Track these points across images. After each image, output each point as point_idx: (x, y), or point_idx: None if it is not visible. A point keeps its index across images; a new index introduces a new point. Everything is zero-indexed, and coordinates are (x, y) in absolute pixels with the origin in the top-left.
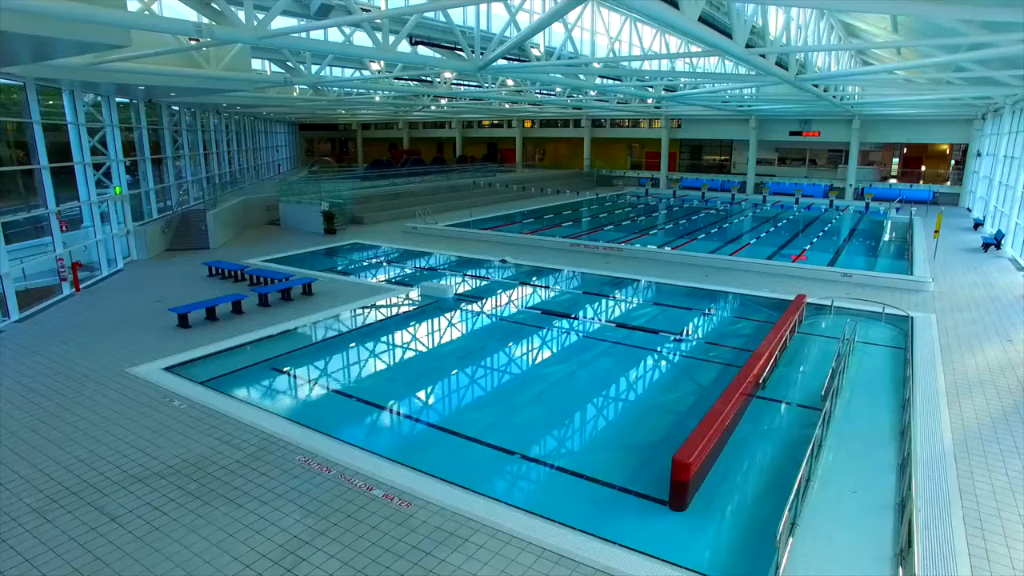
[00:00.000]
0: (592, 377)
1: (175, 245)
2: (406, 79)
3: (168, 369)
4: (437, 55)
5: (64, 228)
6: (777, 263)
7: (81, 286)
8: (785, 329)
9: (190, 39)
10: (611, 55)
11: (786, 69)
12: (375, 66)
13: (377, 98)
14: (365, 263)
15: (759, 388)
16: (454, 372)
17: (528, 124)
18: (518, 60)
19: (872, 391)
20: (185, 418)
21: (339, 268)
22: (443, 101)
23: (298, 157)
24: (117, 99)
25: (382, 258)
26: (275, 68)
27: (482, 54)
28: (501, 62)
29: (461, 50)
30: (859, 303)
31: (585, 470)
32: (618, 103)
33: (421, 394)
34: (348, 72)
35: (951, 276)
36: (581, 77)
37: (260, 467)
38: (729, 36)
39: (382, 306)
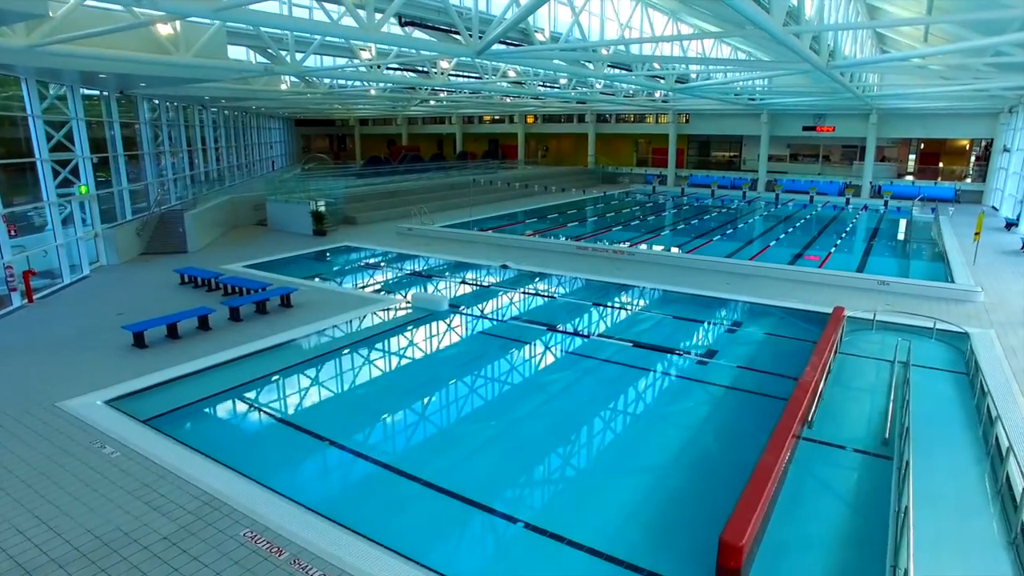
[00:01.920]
0: (612, 417)
1: (151, 248)
2: (400, 68)
3: (110, 402)
4: (432, 39)
5: (13, 232)
6: (804, 269)
7: (36, 296)
8: (828, 350)
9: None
10: (620, 37)
11: (816, 54)
12: (366, 54)
13: (372, 91)
14: (354, 268)
15: (806, 427)
16: (447, 405)
17: (530, 119)
18: (519, 45)
19: (941, 430)
20: (113, 472)
21: (325, 274)
22: (442, 95)
23: (294, 154)
24: (86, 91)
25: (374, 261)
26: (259, 59)
27: (480, 37)
28: (500, 47)
29: (458, 33)
30: (903, 317)
31: (609, 547)
32: (624, 97)
33: (404, 437)
34: (341, 63)
35: (998, 283)
36: (589, 65)
37: (192, 546)
38: (766, 11)
39: (367, 321)
